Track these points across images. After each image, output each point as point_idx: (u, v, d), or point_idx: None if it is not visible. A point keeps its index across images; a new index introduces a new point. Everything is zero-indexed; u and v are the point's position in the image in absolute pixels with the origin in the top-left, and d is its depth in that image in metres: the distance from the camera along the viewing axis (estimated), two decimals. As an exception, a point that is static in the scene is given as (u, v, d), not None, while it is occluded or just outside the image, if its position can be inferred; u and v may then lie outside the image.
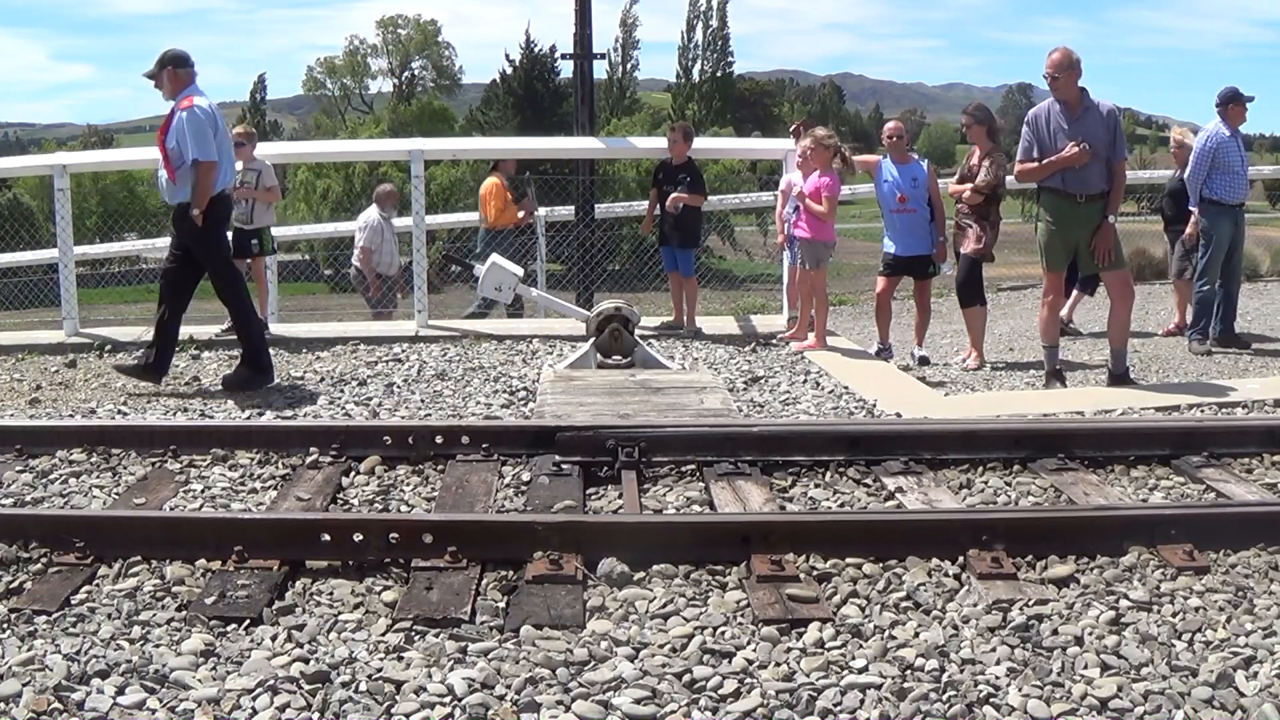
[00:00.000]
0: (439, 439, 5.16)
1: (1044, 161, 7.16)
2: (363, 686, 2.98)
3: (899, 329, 9.36)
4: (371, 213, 11.40)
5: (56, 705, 2.87)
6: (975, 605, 3.52)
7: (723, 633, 3.34)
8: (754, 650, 3.20)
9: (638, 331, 8.10)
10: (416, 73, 77.31)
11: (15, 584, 3.67)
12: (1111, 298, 7.51)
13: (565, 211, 13.99)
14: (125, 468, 5.07)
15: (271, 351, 8.52)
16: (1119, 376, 7.37)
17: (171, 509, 4.52)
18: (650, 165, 12.07)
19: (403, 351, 8.51)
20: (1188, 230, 9.43)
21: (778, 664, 3.13)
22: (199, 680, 3.02)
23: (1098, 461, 5.07)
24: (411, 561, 3.79)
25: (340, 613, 3.51)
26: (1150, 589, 3.63)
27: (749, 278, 23.38)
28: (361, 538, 3.83)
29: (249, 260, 9.31)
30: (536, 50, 57.01)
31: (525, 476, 4.91)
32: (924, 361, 8.83)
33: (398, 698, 2.93)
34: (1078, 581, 3.72)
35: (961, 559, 3.83)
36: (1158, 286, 13.14)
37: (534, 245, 12.70)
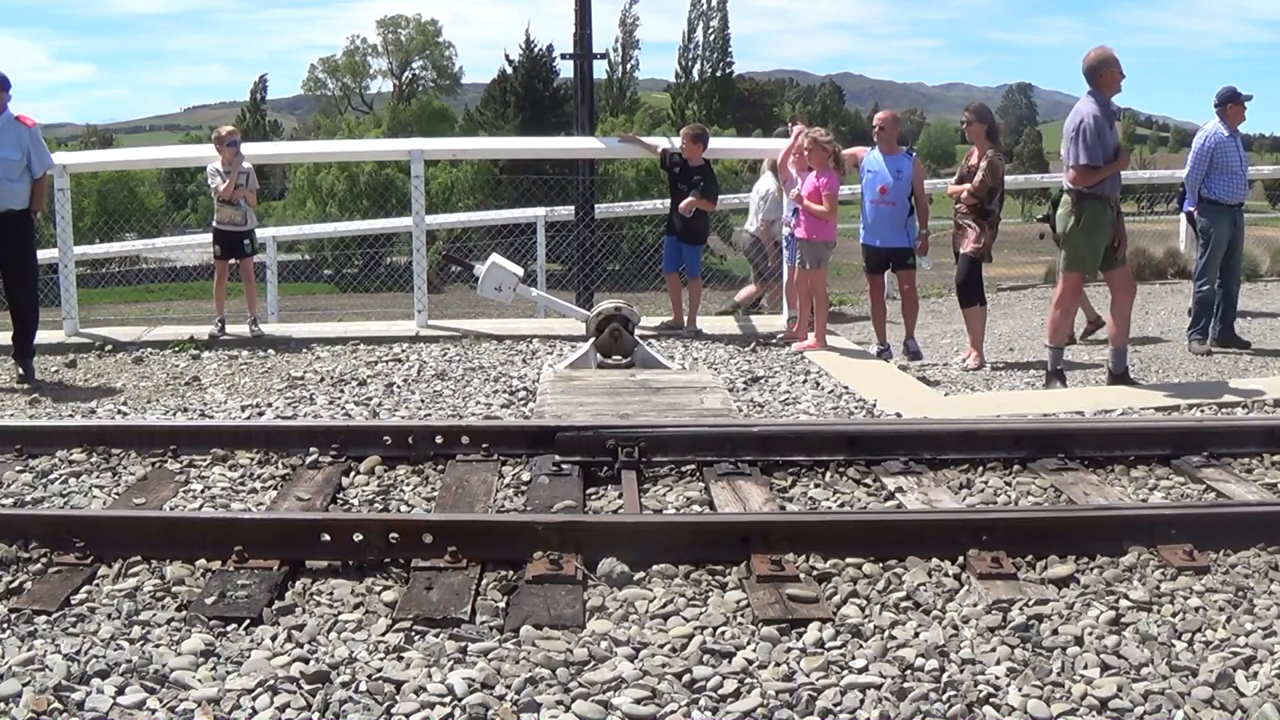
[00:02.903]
0: (439, 439, 5.16)
1: (1109, 165, 7.07)
2: (363, 686, 2.98)
3: (897, 329, 9.34)
4: (769, 181, 11.12)
5: (56, 705, 2.87)
6: (975, 605, 3.52)
7: (723, 633, 3.34)
8: (754, 650, 3.20)
9: (638, 331, 8.10)
10: (416, 73, 77.41)
11: (15, 584, 3.67)
12: (1116, 294, 7.46)
13: (565, 211, 13.98)
14: (125, 468, 5.07)
15: (271, 351, 8.58)
16: (1119, 376, 7.37)
17: (171, 509, 4.52)
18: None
19: (403, 351, 8.51)
20: None
21: (778, 664, 3.13)
22: (199, 680, 3.02)
23: (1098, 461, 5.08)
24: (411, 561, 3.79)
25: (340, 613, 3.51)
26: (1150, 589, 3.63)
27: (749, 278, 23.34)
28: (361, 538, 3.83)
29: (237, 261, 9.24)
30: (535, 50, 57.06)
31: (525, 476, 4.91)
32: (914, 354, 8.75)
33: (398, 698, 2.93)
34: (1078, 581, 3.72)
35: (961, 559, 3.83)
36: (1157, 286, 13.16)
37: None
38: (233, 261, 9.22)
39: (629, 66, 67.31)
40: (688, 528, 4.02)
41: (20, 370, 7.65)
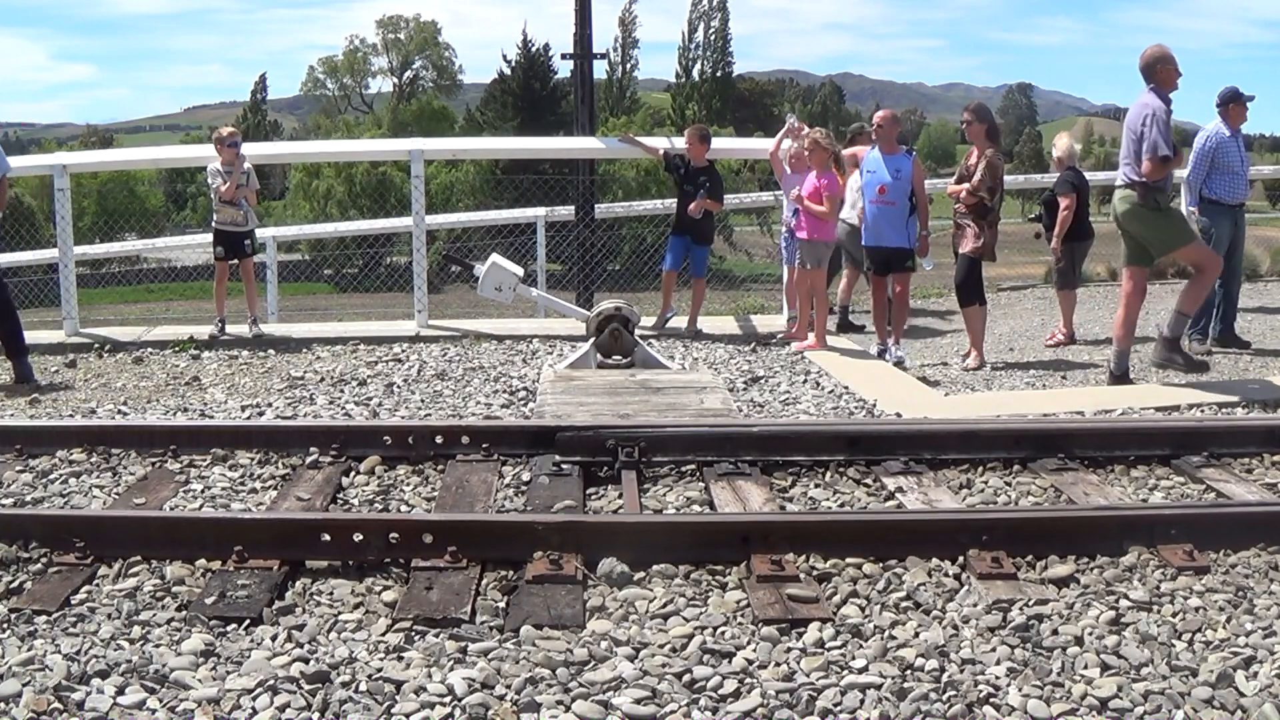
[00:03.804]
0: (439, 439, 5.16)
1: (1173, 157, 7.11)
2: (363, 686, 2.98)
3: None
4: None
5: (56, 705, 2.87)
6: (975, 605, 3.52)
7: (723, 633, 3.34)
8: (754, 650, 3.20)
9: (638, 331, 8.10)
10: (417, 73, 77.42)
11: (15, 584, 3.67)
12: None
13: (565, 211, 13.98)
14: (125, 468, 5.07)
15: (271, 351, 8.58)
16: (1119, 376, 7.37)
17: (171, 509, 4.52)
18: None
19: (403, 351, 8.51)
20: (1054, 244, 9.34)
21: (778, 664, 3.13)
22: (199, 680, 3.02)
23: (1098, 461, 5.08)
24: (411, 561, 3.79)
25: (340, 613, 3.51)
26: (1150, 589, 3.63)
27: (749, 278, 23.39)
28: (361, 538, 3.83)
29: (237, 261, 9.23)
30: (532, 50, 57.03)
31: (525, 476, 4.91)
32: (900, 363, 8.66)
33: (398, 698, 2.93)
34: (1078, 581, 3.72)
35: (961, 559, 3.83)
36: (1157, 286, 13.14)
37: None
38: (233, 261, 9.22)
39: (629, 66, 67.24)
40: (688, 528, 4.02)
41: (17, 370, 7.64)
